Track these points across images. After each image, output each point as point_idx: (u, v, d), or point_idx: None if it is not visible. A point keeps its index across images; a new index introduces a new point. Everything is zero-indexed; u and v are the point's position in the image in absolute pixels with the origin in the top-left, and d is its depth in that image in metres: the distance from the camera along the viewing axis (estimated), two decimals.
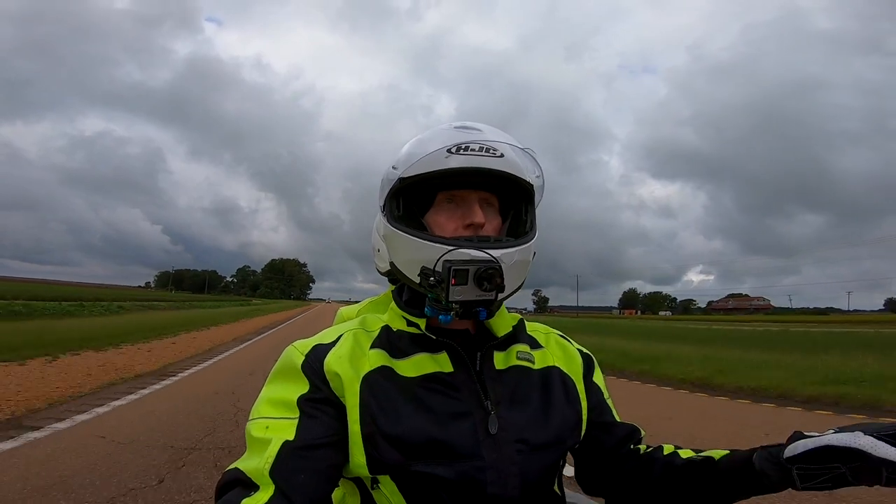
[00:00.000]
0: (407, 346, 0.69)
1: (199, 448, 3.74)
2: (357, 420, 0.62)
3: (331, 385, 0.64)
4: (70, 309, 22.24)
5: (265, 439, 0.58)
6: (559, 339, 0.82)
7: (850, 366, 8.21)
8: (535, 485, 0.65)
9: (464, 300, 0.61)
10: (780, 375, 7.58)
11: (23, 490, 2.80)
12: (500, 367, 0.70)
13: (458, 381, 0.67)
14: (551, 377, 0.74)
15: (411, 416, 0.63)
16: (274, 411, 0.62)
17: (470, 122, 0.71)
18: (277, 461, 0.56)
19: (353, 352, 0.67)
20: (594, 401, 0.77)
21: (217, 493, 0.57)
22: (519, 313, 0.81)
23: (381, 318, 0.74)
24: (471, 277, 0.61)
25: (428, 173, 0.67)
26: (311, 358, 0.66)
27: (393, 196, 0.71)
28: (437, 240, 0.65)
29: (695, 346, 13.62)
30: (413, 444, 0.61)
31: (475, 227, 0.67)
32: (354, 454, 0.62)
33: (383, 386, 0.65)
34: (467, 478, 0.61)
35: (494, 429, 0.64)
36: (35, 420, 4.44)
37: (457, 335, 0.70)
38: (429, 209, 0.71)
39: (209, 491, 2.85)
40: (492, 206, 0.72)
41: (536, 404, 0.70)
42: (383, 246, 0.98)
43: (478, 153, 0.66)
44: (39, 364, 7.27)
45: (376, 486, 0.64)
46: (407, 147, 0.71)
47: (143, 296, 67.27)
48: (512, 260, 0.65)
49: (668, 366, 9.17)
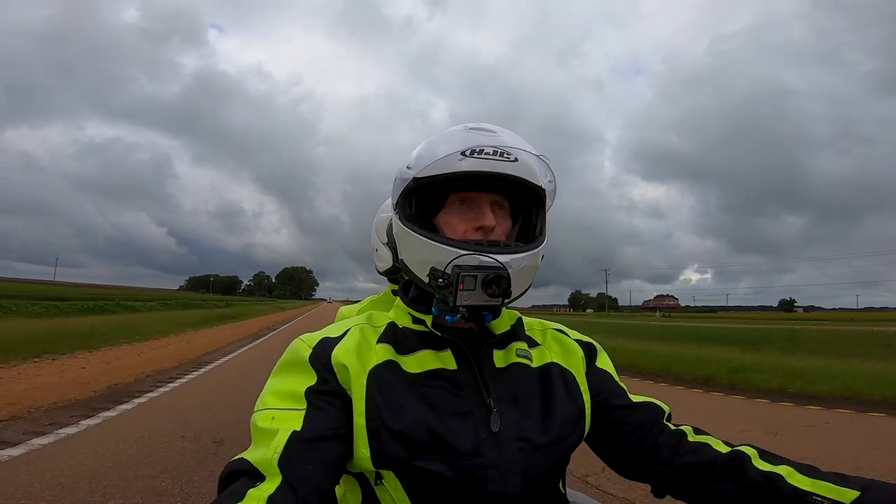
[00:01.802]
0: (412, 342, 0.69)
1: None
2: (363, 413, 0.62)
3: (338, 377, 0.64)
4: (138, 307, 28.67)
5: (272, 430, 0.58)
6: (556, 333, 0.80)
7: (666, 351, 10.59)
8: (538, 483, 0.64)
9: (471, 305, 0.62)
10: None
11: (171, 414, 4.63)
12: (500, 364, 0.70)
13: (461, 379, 0.67)
14: (550, 374, 0.73)
15: (415, 411, 0.63)
16: (280, 402, 0.62)
17: (484, 124, 0.71)
18: (286, 451, 0.55)
19: (360, 346, 0.68)
20: (603, 387, 0.75)
21: (221, 483, 0.56)
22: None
23: (387, 315, 0.75)
24: (479, 283, 0.61)
25: (441, 175, 0.67)
26: (319, 350, 0.66)
27: (406, 195, 0.71)
28: (448, 242, 0.65)
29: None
30: (416, 439, 0.61)
31: (485, 230, 0.67)
32: (359, 447, 0.62)
33: (389, 380, 0.65)
34: (469, 475, 0.61)
35: (497, 427, 0.64)
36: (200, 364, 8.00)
37: (461, 333, 0.70)
38: (441, 209, 0.71)
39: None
40: (503, 208, 0.71)
41: (537, 402, 0.69)
42: (381, 246, 1.05)
43: (491, 157, 0.65)
44: (186, 336, 12.11)
45: (380, 482, 0.64)
46: (421, 147, 0.71)
47: (183, 297, 75.39)
48: (521, 265, 0.65)
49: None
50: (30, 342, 8.54)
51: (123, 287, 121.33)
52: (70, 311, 21.16)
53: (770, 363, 8.53)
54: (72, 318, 17.31)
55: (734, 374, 7.68)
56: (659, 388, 7.31)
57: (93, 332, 11.05)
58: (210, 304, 51.40)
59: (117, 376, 6.46)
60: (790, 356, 9.89)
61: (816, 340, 14.91)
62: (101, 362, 7.60)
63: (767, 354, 10.39)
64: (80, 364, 7.30)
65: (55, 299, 26.30)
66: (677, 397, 6.44)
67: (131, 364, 7.64)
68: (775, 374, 7.34)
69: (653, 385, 7.53)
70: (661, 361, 9.15)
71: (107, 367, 7.21)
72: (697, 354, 10.06)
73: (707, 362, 8.77)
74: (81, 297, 33.53)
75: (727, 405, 6.03)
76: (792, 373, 7.42)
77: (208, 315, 24.58)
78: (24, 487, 2.73)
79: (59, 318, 16.89)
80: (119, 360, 7.94)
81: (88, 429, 4.07)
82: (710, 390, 7.04)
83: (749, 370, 7.82)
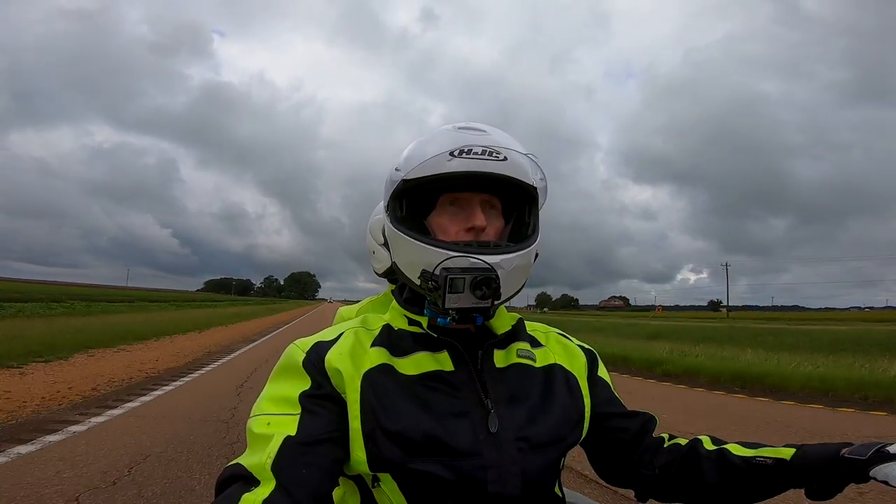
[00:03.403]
0: (408, 344, 0.69)
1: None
2: (357, 416, 0.62)
3: (332, 381, 0.64)
4: (165, 306, 36.36)
5: (266, 435, 0.58)
6: (559, 337, 0.80)
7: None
8: (537, 483, 0.64)
9: (459, 307, 0.62)
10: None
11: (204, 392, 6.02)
12: (501, 365, 0.70)
13: (458, 380, 0.66)
14: (554, 374, 0.72)
15: (411, 413, 0.62)
16: (275, 408, 0.61)
17: (473, 123, 0.70)
18: (279, 456, 0.55)
19: (354, 349, 0.67)
20: (603, 395, 0.76)
21: (217, 488, 0.56)
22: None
23: (382, 318, 0.74)
24: (467, 286, 0.61)
25: (430, 176, 0.66)
26: (313, 355, 0.65)
27: (396, 197, 0.70)
28: (437, 244, 0.65)
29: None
30: (413, 441, 0.61)
31: (477, 230, 0.66)
32: (355, 451, 0.61)
33: (384, 383, 0.64)
34: (468, 476, 0.60)
35: (494, 427, 0.63)
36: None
37: (457, 334, 0.68)
38: (431, 211, 0.70)
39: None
40: (494, 208, 0.70)
41: (537, 401, 0.68)
42: (378, 248, 1.02)
43: (480, 156, 0.64)
44: (222, 329, 16.64)
45: (377, 485, 0.63)
46: (409, 149, 0.70)
47: (204, 297, 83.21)
48: (511, 265, 0.64)
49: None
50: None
51: (140, 288, 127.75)
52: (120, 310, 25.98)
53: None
54: (134, 315, 22.17)
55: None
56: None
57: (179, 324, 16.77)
58: (243, 302, 66.66)
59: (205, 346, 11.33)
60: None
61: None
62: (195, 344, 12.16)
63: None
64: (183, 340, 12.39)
65: (84, 299, 29.95)
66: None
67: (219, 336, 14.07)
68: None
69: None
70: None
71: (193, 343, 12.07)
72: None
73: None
74: (119, 298, 38.91)
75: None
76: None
77: (241, 312, 32.62)
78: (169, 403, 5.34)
79: (128, 315, 21.60)
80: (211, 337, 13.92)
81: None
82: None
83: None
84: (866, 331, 20.28)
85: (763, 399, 6.43)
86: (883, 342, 12.85)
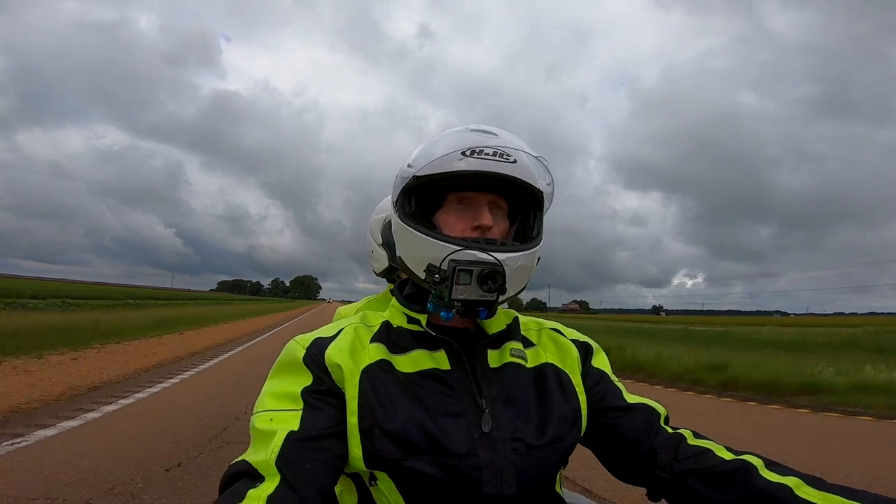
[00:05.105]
0: (406, 341, 0.69)
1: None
2: (355, 412, 0.62)
3: (333, 376, 0.64)
4: (196, 303, 41.68)
5: (270, 431, 0.58)
6: (552, 333, 0.79)
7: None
8: (533, 484, 0.63)
9: (466, 299, 0.61)
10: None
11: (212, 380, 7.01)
12: (494, 364, 0.69)
13: (454, 379, 0.66)
14: (545, 375, 0.72)
15: (408, 410, 0.62)
16: (278, 404, 0.62)
17: (485, 126, 0.71)
18: (283, 451, 0.56)
19: (354, 345, 0.67)
20: (599, 387, 0.74)
21: (222, 485, 0.57)
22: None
23: (381, 315, 0.74)
24: (474, 278, 0.61)
25: (441, 174, 0.67)
26: (313, 351, 0.66)
27: (405, 193, 0.71)
28: (445, 239, 0.65)
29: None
30: (408, 439, 0.61)
31: (483, 229, 0.67)
32: (351, 447, 0.61)
33: (382, 379, 0.64)
34: (462, 476, 0.60)
35: (488, 427, 0.63)
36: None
37: (455, 333, 0.69)
38: (439, 208, 0.71)
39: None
40: (501, 209, 0.71)
41: (532, 402, 0.68)
42: (377, 248, 1.02)
43: (491, 157, 0.65)
44: (248, 321, 21.46)
45: (374, 483, 0.63)
46: (422, 146, 0.71)
47: (225, 297, 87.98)
48: (516, 264, 0.64)
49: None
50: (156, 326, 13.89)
51: (147, 287, 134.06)
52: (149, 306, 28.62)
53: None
54: (165, 310, 24.89)
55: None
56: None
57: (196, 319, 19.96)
58: (259, 301, 76.54)
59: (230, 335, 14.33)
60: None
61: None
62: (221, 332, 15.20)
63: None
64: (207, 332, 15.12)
65: (96, 297, 30.86)
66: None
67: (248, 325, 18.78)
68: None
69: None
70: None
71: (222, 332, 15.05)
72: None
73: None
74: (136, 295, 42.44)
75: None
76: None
77: (269, 308, 42.84)
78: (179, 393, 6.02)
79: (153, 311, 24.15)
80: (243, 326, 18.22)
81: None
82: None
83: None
84: (809, 333, 21.72)
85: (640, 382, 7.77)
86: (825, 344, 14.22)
